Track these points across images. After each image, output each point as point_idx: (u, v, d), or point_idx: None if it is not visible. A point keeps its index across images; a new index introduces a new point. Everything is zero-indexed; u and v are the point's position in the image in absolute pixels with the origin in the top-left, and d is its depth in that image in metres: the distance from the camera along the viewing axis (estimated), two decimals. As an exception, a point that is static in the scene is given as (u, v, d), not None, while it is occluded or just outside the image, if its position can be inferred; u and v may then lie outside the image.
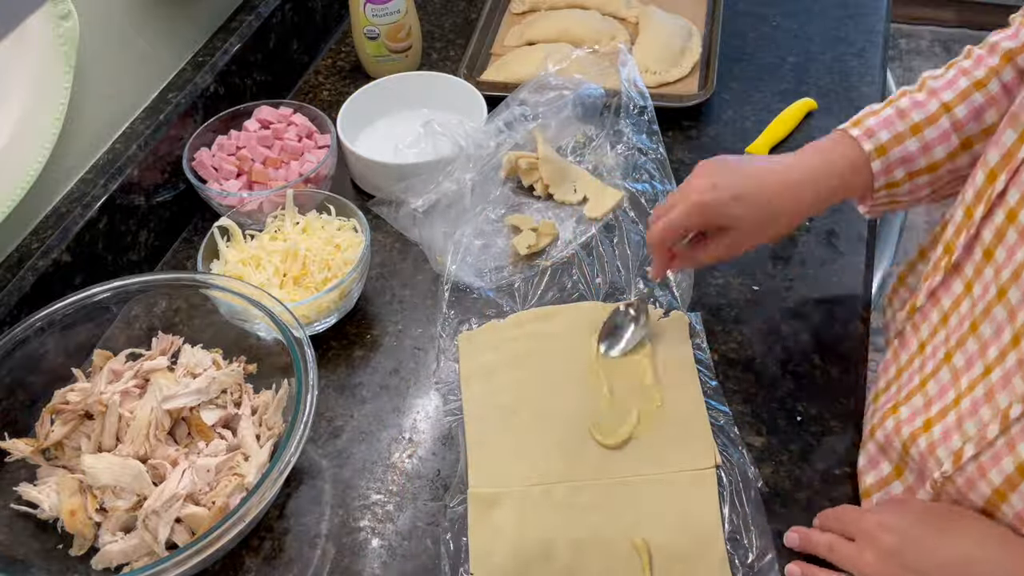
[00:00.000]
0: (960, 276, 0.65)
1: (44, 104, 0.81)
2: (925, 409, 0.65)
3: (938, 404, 0.64)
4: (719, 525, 0.71)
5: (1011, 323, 0.57)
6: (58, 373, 0.78)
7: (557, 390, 0.81)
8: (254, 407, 0.79)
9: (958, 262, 0.65)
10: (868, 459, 0.73)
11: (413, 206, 0.97)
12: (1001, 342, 0.58)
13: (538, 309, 0.89)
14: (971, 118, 0.72)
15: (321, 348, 0.87)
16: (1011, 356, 0.57)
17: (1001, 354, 0.58)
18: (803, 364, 0.84)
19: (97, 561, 0.70)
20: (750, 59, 1.18)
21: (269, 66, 1.13)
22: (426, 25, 1.26)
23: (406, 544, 0.73)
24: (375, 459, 0.79)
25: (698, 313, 0.87)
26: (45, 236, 0.85)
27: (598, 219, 0.98)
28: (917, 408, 0.66)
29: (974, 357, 0.61)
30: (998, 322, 0.59)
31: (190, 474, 0.72)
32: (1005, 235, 0.59)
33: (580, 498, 0.74)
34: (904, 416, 0.67)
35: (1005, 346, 0.57)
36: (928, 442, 0.63)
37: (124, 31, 0.93)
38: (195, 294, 0.81)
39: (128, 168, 0.92)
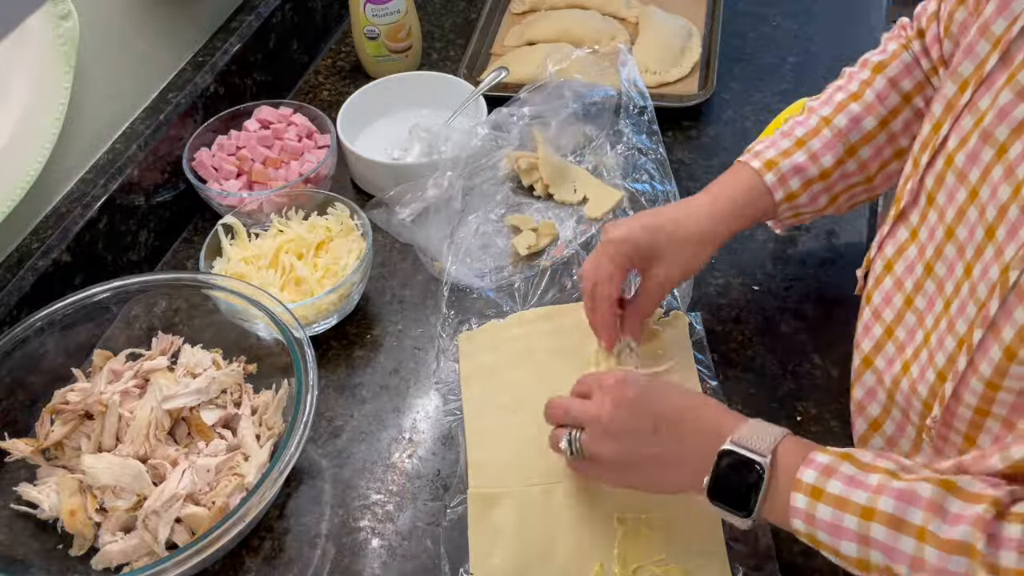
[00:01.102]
0: (905, 223, 0.69)
1: (44, 104, 0.81)
2: (899, 353, 0.68)
3: (910, 347, 0.66)
4: (719, 525, 0.71)
5: (961, 258, 0.61)
6: (58, 373, 0.78)
7: (557, 390, 0.81)
8: (254, 407, 0.79)
9: (904, 210, 0.69)
10: (856, 409, 0.75)
11: (400, 217, 0.97)
12: (955, 277, 0.61)
13: (538, 309, 0.89)
14: (851, 127, 0.78)
15: (321, 348, 0.87)
16: (964, 287, 0.60)
17: (956, 287, 0.61)
18: (803, 364, 0.84)
19: (97, 561, 0.70)
20: (750, 59, 1.18)
21: (269, 66, 1.13)
22: (426, 25, 1.26)
23: (406, 544, 0.73)
24: (375, 459, 0.79)
25: (698, 313, 0.87)
26: (45, 236, 0.85)
27: (598, 219, 0.98)
28: (890, 355, 0.69)
29: (934, 297, 0.64)
30: (950, 260, 0.62)
31: (190, 474, 0.72)
32: (944, 179, 0.63)
33: (580, 498, 0.74)
34: (881, 366, 0.69)
35: (959, 279, 0.61)
36: (909, 383, 0.65)
37: (124, 31, 0.93)
38: (195, 294, 0.81)
39: (128, 168, 0.92)
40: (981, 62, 0.61)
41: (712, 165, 1.04)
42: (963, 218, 0.60)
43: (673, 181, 1.00)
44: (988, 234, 0.58)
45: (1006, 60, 0.58)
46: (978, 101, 0.60)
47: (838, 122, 0.78)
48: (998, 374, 0.56)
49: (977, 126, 0.60)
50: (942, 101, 0.65)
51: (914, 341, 0.66)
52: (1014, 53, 0.57)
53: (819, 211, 0.81)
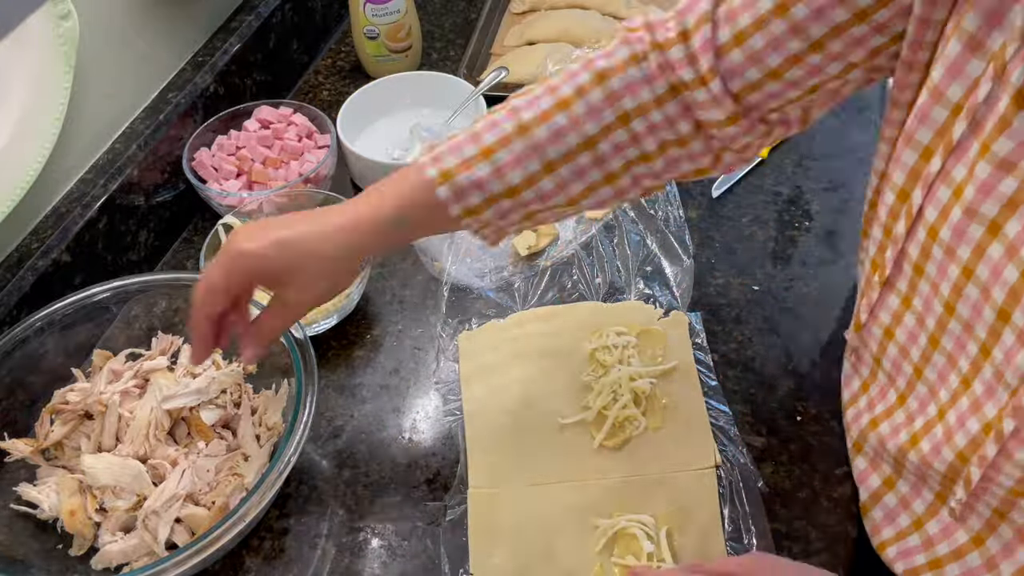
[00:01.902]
0: (894, 292, 0.65)
1: (44, 104, 0.81)
2: (908, 423, 0.65)
3: (920, 419, 0.64)
4: (719, 525, 0.71)
5: (971, 336, 0.57)
6: (58, 373, 0.78)
7: (557, 390, 0.81)
8: (254, 407, 0.79)
9: (890, 279, 0.65)
10: (862, 468, 0.73)
11: None
12: (970, 355, 0.58)
13: (538, 309, 0.89)
14: (551, 141, 0.65)
15: (321, 348, 0.87)
16: (986, 370, 0.57)
17: (975, 367, 0.58)
18: (803, 364, 0.84)
19: (97, 561, 0.70)
20: (750, 59, 1.18)
21: (269, 66, 1.13)
22: (426, 25, 1.26)
23: (406, 544, 0.73)
24: (375, 459, 0.79)
25: (698, 313, 0.87)
26: (45, 236, 0.85)
27: (598, 219, 0.98)
28: (899, 423, 0.66)
29: (945, 371, 0.61)
30: (957, 336, 0.59)
31: (190, 474, 0.72)
32: (931, 253, 0.59)
33: (580, 498, 0.74)
34: (886, 432, 0.67)
35: (976, 359, 0.58)
36: (918, 456, 0.63)
37: (124, 31, 0.93)
38: (195, 294, 0.81)
39: (128, 168, 0.92)
40: (942, 129, 0.57)
41: (712, 165, 1.04)
42: (962, 295, 0.57)
43: (673, 181, 1.00)
44: (1001, 317, 0.54)
45: (975, 128, 0.54)
46: (951, 171, 0.56)
47: (537, 133, 0.65)
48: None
49: (957, 198, 0.56)
50: (902, 169, 0.60)
51: (925, 413, 0.63)
52: (981, 120, 0.53)
53: (522, 227, 0.70)
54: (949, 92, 0.55)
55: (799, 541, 0.72)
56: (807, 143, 1.06)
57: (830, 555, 0.71)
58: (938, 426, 0.62)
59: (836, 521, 0.73)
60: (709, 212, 0.99)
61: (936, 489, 0.64)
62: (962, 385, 0.59)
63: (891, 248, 0.63)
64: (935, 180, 0.57)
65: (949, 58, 0.54)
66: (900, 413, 0.66)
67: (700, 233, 0.96)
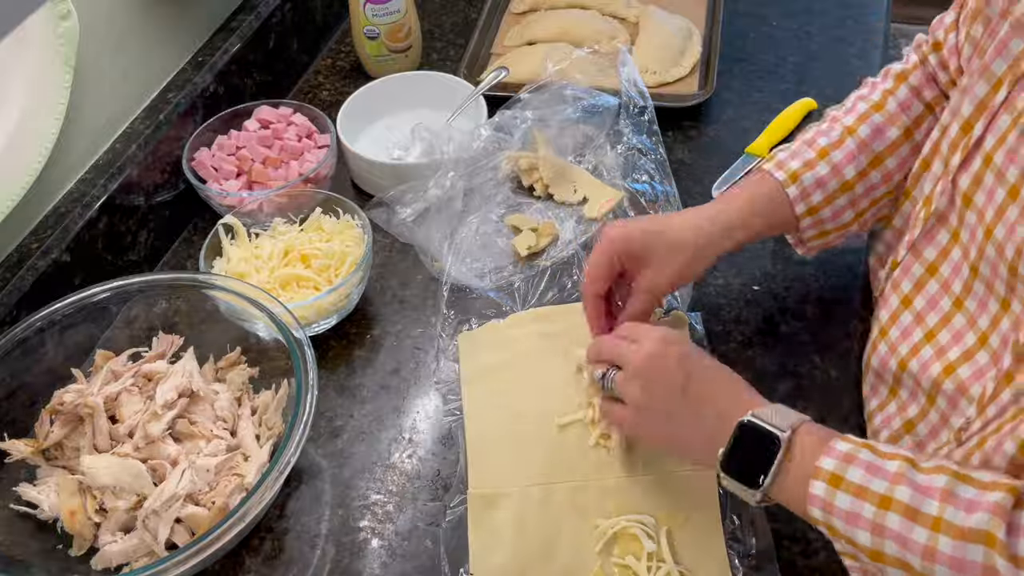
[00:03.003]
0: (945, 226, 0.68)
1: (44, 104, 0.81)
2: (938, 356, 0.67)
3: (956, 348, 0.66)
4: (719, 525, 0.71)
5: (1002, 257, 0.60)
6: (58, 373, 0.78)
7: (557, 390, 0.81)
8: (254, 407, 0.79)
9: (942, 212, 0.68)
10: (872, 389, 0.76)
11: (401, 216, 0.97)
12: (1001, 277, 0.61)
13: (538, 309, 0.89)
14: (874, 136, 0.77)
15: (321, 348, 0.87)
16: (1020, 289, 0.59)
17: (1010, 287, 0.61)
18: (803, 364, 0.84)
19: (97, 561, 0.70)
20: (750, 59, 1.18)
21: (269, 66, 1.13)
22: (426, 25, 1.26)
23: (406, 544, 0.73)
24: (375, 459, 0.79)
25: (698, 313, 0.87)
26: (45, 236, 0.85)
27: (598, 219, 0.98)
28: (926, 358, 0.68)
29: (985, 298, 0.64)
30: (992, 261, 0.62)
31: (190, 474, 0.72)
32: (983, 179, 0.62)
33: (580, 498, 0.74)
34: (915, 368, 0.69)
35: (1010, 279, 0.60)
36: (956, 383, 0.65)
37: (124, 31, 0.93)
38: (195, 294, 0.81)
39: (128, 168, 0.91)
40: (1016, 59, 0.60)
41: (712, 165, 1.04)
42: (1003, 217, 0.60)
43: (673, 181, 1.00)
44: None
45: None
46: (1015, 100, 0.60)
47: (861, 132, 0.77)
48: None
49: (1015, 125, 0.59)
50: (972, 100, 0.64)
51: (963, 343, 0.66)
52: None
53: (844, 227, 0.80)
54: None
55: (799, 541, 0.72)
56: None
57: (830, 555, 0.70)
58: (981, 352, 0.64)
59: (836, 521, 0.72)
60: (709, 212, 0.99)
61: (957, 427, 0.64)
62: (1003, 307, 0.62)
63: (942, 181, 0.67)
64: (999, 109, 0.61)
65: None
66: (928, 348, 0.69)
67: (700, 233, 0.96)
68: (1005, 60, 0.61)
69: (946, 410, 0.67)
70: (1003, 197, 0.60)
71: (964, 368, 0.65)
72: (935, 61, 0.78)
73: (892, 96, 0.78)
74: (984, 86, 0.63)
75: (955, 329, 0.67)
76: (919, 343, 0.70)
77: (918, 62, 0.79)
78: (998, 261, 0.61)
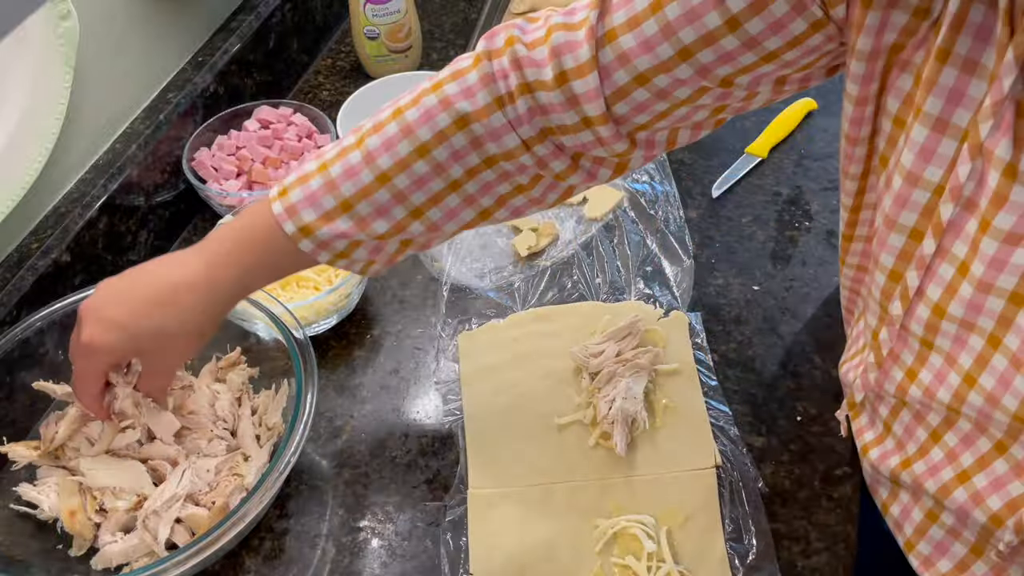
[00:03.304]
0: (898, 365, 0.61)
1: (44, 104, 0.81)
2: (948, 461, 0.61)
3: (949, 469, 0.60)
4: (719, 525, 0.71)
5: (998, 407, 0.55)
6: (58, 373, 0.77)
7: (556, 390, 0.81)
8: (254, 407, 0.79)
9: (891, 354, 0.62)
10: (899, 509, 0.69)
11: None
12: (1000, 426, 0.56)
13: (538, 309, 0.89)
14: (415, 188, 0.63)
15: (321, 348, 0.87)
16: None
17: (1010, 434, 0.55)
18: (803, 364, 0.84)
19: (97, 561, 0.70)
20: (750, 59, 1.18)
21: (269, 66, 1.13)
22: (426, 25, 1.26)
23: (406, 544, 0.73)
24: (375, 459, 0.79)
25: (698, 313, 0.87)
26: (45, 236, 0.85)
27: (598, 219, 0.98)
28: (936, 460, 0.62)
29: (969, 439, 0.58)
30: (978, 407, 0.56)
31: (190, 474, 0.72)
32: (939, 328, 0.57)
33: (580, 498, 0.74)
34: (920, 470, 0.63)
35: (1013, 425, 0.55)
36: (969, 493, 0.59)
37: (124, 31, 0.93)
38: (195, 294, 0.81)
39: (128, 168, 0.92)
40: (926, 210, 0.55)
41: (712, 165, 1.04)
42: (987, 366, 0.54)
43: (673, 181, 1.01)
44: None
45: (968, 207, 0.52)
46: (949, 248, 0.54)
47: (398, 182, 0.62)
48: None
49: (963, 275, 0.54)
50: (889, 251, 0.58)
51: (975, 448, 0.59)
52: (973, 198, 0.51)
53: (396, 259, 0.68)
54: (926, 174, 0.53)
55: (799, 541, 0.72)
56: (807, 143, 1.06)
57: (830, 555, 0.71)
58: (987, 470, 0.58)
59: (836, 521, 0.72)
60: (709, 212, 0.99)
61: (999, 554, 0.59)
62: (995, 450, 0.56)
63: (886, 329, 0.61)
64: (933, 259, 0.55)
65: (917, 142, 0.53)
66: (937, 450, 0.62)
67: (700, 233, 0.96)
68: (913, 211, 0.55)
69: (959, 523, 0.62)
70: (982, 345, 0.54)
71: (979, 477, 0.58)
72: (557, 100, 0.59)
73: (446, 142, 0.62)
74: (899, 237, 0.56)
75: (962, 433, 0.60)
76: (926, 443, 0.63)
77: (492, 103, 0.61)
78: (990, 410, 0.55)
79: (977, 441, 0.58)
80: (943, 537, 0.64)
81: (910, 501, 0.67)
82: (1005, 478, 0.57)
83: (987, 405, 0.55)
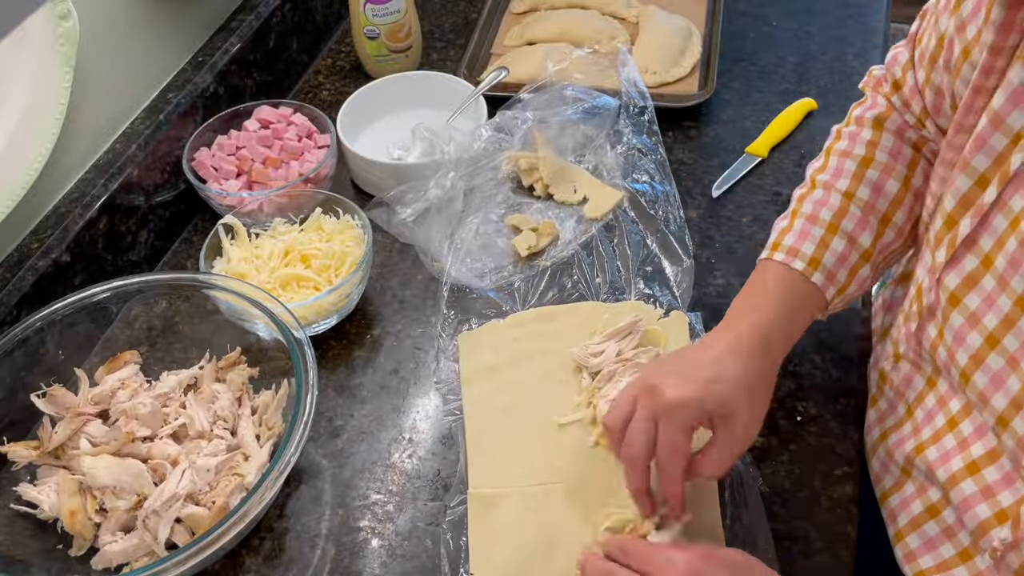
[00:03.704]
0: (934, 321, 0.63)
1: (44, 104, 0.81)
2: (960, 450, 0.62)
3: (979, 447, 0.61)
4: (719, 525, 0.71)
5: (1017, 372, 0.55)
6: (59, 373, 0.78)
7: (557, 390, 0.81)
8: (254, 407, 0.79)
9: (931, 306, 0.63)
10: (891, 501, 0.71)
11: (402, 216, 0.97)
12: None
13: (538, 309, 0.89)
14: (875, 195, 0.72)
15: (321, 348, 0.87)
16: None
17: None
18: (803, 364, 0.83)
19: (97, 561, 0.70)
20: (750, 59, 1.18)
21: (269, 66, 1.13)
22: (426, 25, 1.26)
23: (406, 544, 0.73)
24: (375, 459, 0.79)
25: (698, 313, 0.87)
26: (45, 236, 0.85)
27: (598, 219, 0.98)
28: (947, 448, 0.63)
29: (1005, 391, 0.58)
30: (1000, 365, 0.56)
31: (190, 474, 0.72)
32: (980, 281, 0.58)
33: (580, 498, 0.74)
34: (933, 457, 0.64)
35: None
36: (980, 486, 0.60)
37: (124, 31, 0.93)
38: (195, 294, 0.81)
39: (128, 168, 0.91)
40: (999, 157, 0.55)
41: (712, 165, 1.04)
42: (1014, 327, 0.55)
43: (673, 181, 1.01)
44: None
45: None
46: (1008, 201, 0.54)
47: (861, 194, 0.71)
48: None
49: (1013, 229, 0.54)
50: (955, 194, 0.59)
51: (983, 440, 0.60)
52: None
53: (865, 290, 0.75)
54: (1010, 119, 0.54)
55: (799, 541, 0.72)
56: (807, 143, 1.06)
57: (830, 555, 0.71)
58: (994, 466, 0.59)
59: (836, 521, 0.72)
60: (709, 212, 0.99)
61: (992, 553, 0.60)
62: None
63: (928, 277, 0.62)
64: (991, 210, 0.56)
65: (1012, 85, 0.53)
66: (950, 438, 0.63)
67: (700, 233, 0.96)
68: (987, 156, 0.56)
69: (961, 518, 0.62)
70: (1009, 306, 0.55)
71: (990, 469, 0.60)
72: (899, 102, 0.74)
73: (877, 147, 0.72)
74: (966, 180, 0.58)
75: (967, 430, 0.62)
76: (940, 430, 0.64)
77: (888, 105, 0.74)
78: (1008, 374, 0.55)
79: (988, 434, 0.59)
80: (936, 534, 0.65)
81: (913, 493, 0.67)
82: (1014, 474, 0.57)
83: (1007, 368, 0.55)
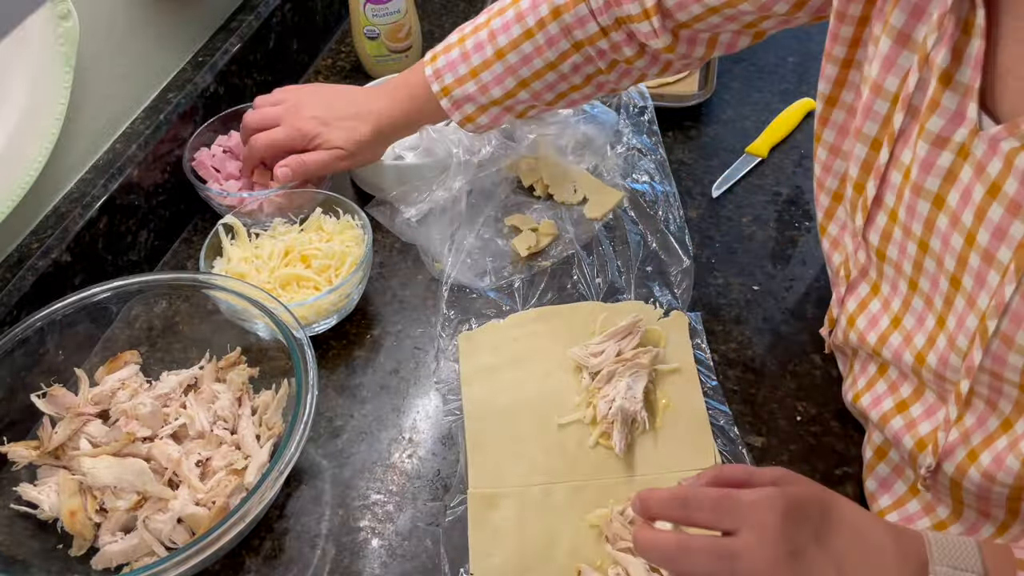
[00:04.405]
0: (866, 279, 0.70)
1: (44, 104, 0.81)
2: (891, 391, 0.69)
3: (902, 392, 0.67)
4: (719, 525, 0.71)
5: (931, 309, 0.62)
6: (59, 373, 0.78)
7: (557, 391, 0.81)
8: (254, 407, 0.79)
9: (863, 267, 0.69)
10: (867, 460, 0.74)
11: (406, 216, 0.97)
12: (925, 328, 0.63)
13: (538, 309, 0.89)
14: (521, 64, 0.85)
15: (321, 348, 0.87)
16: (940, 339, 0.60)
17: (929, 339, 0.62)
18: (803, 364, 0.84)
19: (97, 561, 0.70)
20: (750, 59, 1.18)
21: (269, 66, 1.13)
22: (426, 25, 1.26)
23: (406, 544, 0.73)
24: (375, 459, 0.79)
25: (698, 313, 0.87)
26: (45, 236, 0.85)
27: (598, 219, 0.98)
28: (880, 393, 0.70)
29: (900, 349, 0.65)
30: (919, 313, 0.63)
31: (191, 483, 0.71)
32: (892, 234, 0.63)
33: (580, 498, 0.74)
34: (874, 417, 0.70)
35: (931, 330, 0.62)
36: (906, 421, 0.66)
37: (124, 31, 0.93)
38: (195, 294, 0.81)
39: (128, 168, 0.91)
40: (885, 120, 0.61)
41: (712, 165, 1.04)
42: (922, 270, 0.61)
43: (673, 181, 1.01)
44: (953, 283, 0.58)
45: (913, 114, 0.59)
46: (899, 156, 0.61)
47: (510, 58, 0.84)
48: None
49: (907, 180, 0.60)
50: (856, 162, 0.65)
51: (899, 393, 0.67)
52: (917, 105, 0.58)
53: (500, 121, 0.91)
54: (886, 84, 0.60)
55: (799, 541, 0.71)
56: (807, 143, 1.06)
57: (830, 555, 0.70)
58: (916, 404, 0.65)
59: (836, 521, 0.72)
60: (709, 212, 0.99)
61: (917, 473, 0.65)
62: (917, 361, 0.63)
63: (851, 241, 0.68)
64: (887, 168, 0.62)
65: (882, 54, 0.59)
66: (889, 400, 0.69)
67: (700, 233, 0.96)
68: (875, 122, 0.62)
69: (903, 456, 0.68)
70: (915, 251, 0.61)
71: (902, 417, 0.66)
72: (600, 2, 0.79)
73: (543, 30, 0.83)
74: (862, 148, 0.64)
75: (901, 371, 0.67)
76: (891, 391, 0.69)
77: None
78: (926, 312, 0.62)
79: (910, 375, 0.65)
80: (888, 474, 0.70)
81: (866, 442, 0.74)
82: (936, 405, 0.63)
83: (926, 308, 0.62)
